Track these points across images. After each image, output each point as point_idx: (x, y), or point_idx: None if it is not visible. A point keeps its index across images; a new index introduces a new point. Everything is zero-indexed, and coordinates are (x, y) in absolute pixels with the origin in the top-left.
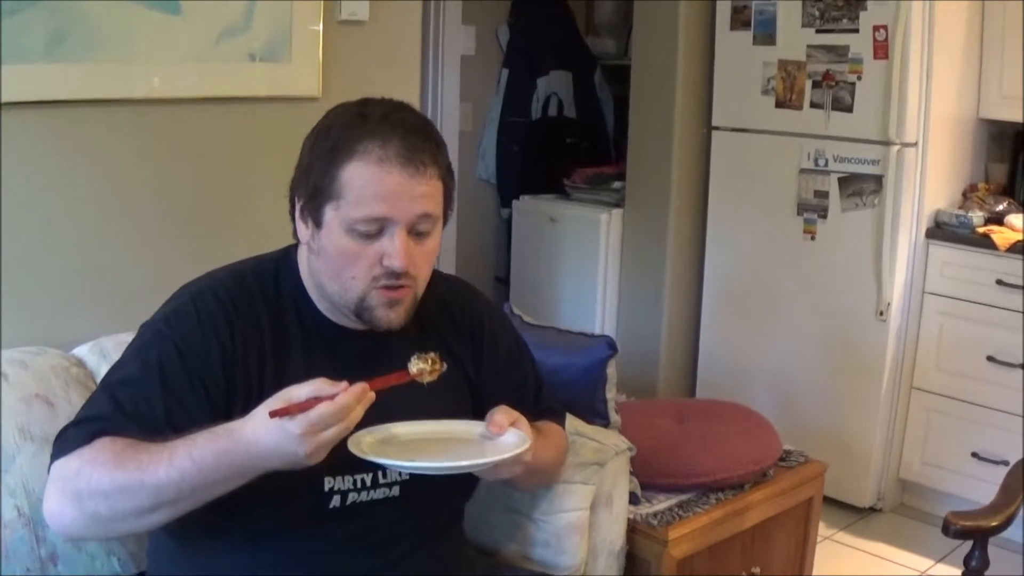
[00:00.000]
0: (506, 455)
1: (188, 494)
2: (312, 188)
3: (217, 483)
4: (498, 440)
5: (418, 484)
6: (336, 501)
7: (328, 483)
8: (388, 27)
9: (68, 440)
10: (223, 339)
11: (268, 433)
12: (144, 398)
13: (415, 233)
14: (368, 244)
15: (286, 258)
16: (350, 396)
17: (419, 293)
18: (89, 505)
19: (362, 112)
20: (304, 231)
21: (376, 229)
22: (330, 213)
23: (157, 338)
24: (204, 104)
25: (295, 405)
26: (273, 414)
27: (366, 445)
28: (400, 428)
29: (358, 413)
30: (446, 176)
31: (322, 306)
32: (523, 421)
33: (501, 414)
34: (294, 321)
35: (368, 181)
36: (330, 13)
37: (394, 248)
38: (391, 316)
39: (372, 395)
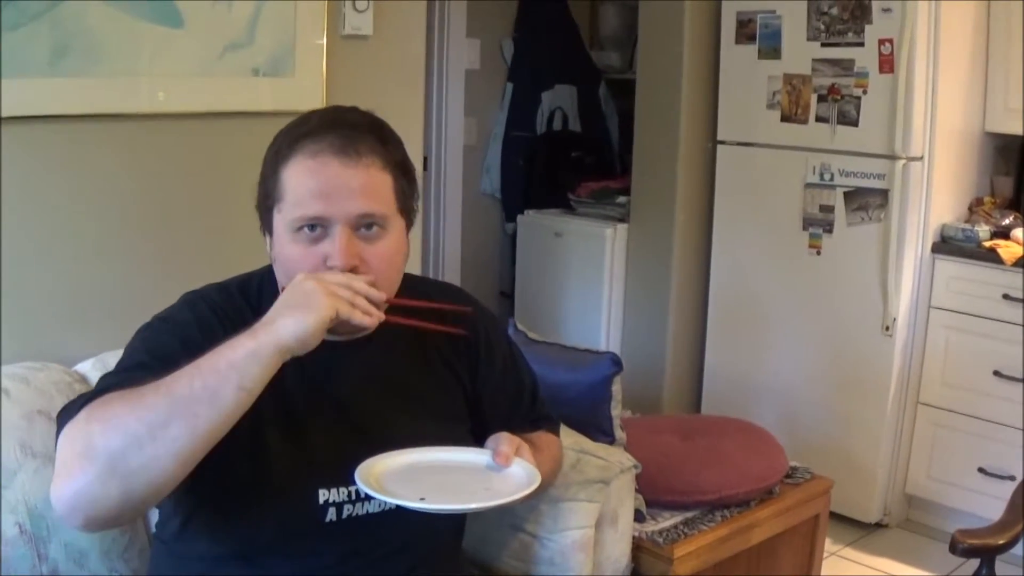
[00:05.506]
0: (517, 496)
1: (200, 390)
2: (262, 195)
3: (232, 367)
4: (505, 472)
5: None
6: (332, 514)
7: (323, 495)
8: (392, 41)
9: (73, 408)
10: (218, 340)
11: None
12: (152, 376)
13: (364, 233)
14: (313, 247)
15: (269, 273)
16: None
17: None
18: (100, 444)
19: (306, 116)
20: (267, 243)
21: (319, 231)
22: (276, 217)
23: (158, 331)
24: (208, 119)
25: None
26: None
27: (374, 479)
28: (406, 456)
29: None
30: (397, 171)
31: None
32: (525, 448)
33: (506, 444)
34: None
35: (304, 177)
36: (334, 27)
37: (334, 248)
38: None
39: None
